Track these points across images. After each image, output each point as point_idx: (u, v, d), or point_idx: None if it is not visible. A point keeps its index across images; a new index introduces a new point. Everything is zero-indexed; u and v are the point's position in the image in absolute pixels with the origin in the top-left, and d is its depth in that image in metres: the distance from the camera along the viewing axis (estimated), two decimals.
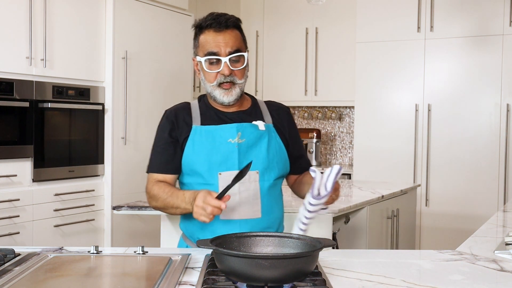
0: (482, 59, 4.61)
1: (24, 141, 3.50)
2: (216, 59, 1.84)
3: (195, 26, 1.93)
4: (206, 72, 1.86)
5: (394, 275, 1.46)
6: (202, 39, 1.88)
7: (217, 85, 1.85)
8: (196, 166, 1.85)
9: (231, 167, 1.83)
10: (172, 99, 4.58)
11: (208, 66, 1.85)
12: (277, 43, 5.75)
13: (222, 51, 1.84)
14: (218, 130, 1.87)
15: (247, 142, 1.86)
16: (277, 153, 1.91)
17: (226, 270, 1.30)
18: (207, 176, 1.84)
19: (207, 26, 1.87)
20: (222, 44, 1.84)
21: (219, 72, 1.84)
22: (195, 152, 1.86)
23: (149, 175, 1.94)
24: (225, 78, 1.84)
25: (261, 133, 1.89)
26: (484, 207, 4.56)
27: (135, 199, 4.07)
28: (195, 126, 1.89)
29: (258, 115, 1.95)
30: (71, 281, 1.38)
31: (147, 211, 2.76)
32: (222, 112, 1.92)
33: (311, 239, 1.42)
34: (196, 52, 1.91)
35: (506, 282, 1.43)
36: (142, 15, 4.26)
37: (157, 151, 1.94)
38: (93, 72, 3.94)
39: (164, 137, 1.93)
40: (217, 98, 1.87)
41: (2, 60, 3.37)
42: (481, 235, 2.06)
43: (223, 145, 1.85)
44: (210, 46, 1.85)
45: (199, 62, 1.88)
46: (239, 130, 1.86)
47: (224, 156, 1.84)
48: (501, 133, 4.55)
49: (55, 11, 3.66)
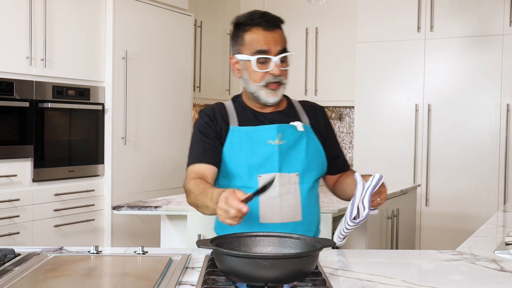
0: (482, 59, 4.61)
1: (24, 141, 3.50)
2: (265, 58, 1.79)
3: (237, 24, 1.86)
4: (252, 71, 1.80)
5: (394, 275, 1.46)
6: (249, 37, 1.81)
7: (264, 85, 1.80)
8: (235, 169, 1.81)
9: (271, 169, 1.79)
10: (172, 99, 4.58)
11: (257, 65, 1.79)
12: None
13: (272, 50, 1.79)
14: (257, 131, 1.82)
15: (287, 143, 1.82)
16: (316, 154, 1.87)
17: (226, 270, 1.30)
18: (246, 178, 1.80)
19: (256, 24, 1.81)
20: (272, 43, 1.80)
21: (268, 72, 1.79)
22: (234, 154, 1.81)
23: (188, 169, 1.85)
24: (274, 78, 1.80)
25: (300, 134, 1.85)
26: (484, 207, 4.56)
27: (135, 199, 4.08)
28: (233, 127, 1.84)
29: (295, 115, 1.91)
30: (71, 281, 1.38)
31: (147, 211, 2.76)
32: (259, 113, 1.88)
33: (311, 239, 1.42)
34: (239, 50, 1.83)
35: (506, 282, 1.43)
36: (142, 15, 4.26)
37: (196, 143, 1.85)
38: (93, 72, 3.94)
39: (203, 131, 1.85)
40: (261, 98, 1.82)
41: (2, 60, 3.37)
42: (481, 235, 2.06)
43: (263, 146, 1.80)
44: (260, 44, 1.79)
45: (243, 61, 1.82)
46: (280, 131, 1.82)
47: (264, 158, 1.80)
48: (501, 133, 4.55)
49: (55, 11, 3.66)
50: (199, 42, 5.24)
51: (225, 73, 5.74)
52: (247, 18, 1.84)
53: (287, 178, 1.78)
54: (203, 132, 1.84)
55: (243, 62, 1.82)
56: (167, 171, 4.54)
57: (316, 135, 1.90)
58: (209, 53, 5.44)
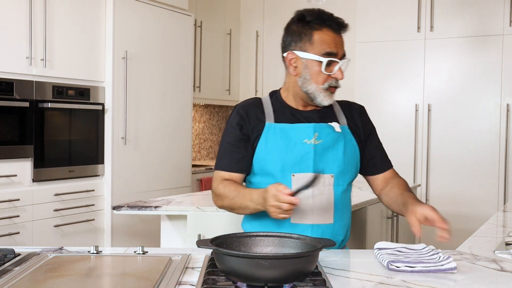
0: (482, 59, 4.61)
1: (24, 141, 3.50)
2: (333, 62, 1.76)
3: (302, 19, 1.80)
4: (317, 72, 1.77)
5: (394, 275, 1.46)
6: (319, 37, 1.76)
7: (326, 88, 1.78)
8: (268, 166, 1.78)
9: (305, 169, 1.76)
10: (172, 99, 4.58)
11: (325, 67, 1.75)
12: (277, 43, 5.71)
13: (339, 54, 1.77)
14: (293, 129, 1.79)
15: (323, 143, 1.78)
16: (353, 157, 1.84)
17: (226, 270, 1.30)
18: (279, 176, 1.77)
19: (327, 25, 1.78)
20: (340, 46, 1.78)
21: (332, 75, 1.77)
22: (268, 151, 1.78)
23: (216, 173, 1.84)
24: (335, 82, 1.78)
25: (337, 135, 1.81)
26: (484, 207, 4.56)
27: (135, 199, 4.08)
28: (269, 123, 1.81)
29: (332, 115, 1.87)
30: (71, 281, 1.38)
31: (147, 211, 2.76)
32: (297, 111, 1.85)
33: (311, 239, 1.42)
34: (304, 48, 1.78)
35: (506, 282, 1.43)
36: (142, 15, 4.26)
37: (226, 148, 1.83)
38: (93, 72, 3.94)
39: (234, 133, 1.82)
40: (317, 99, 1.78)
41: (2, 60, 3.37)
42: (481, 235, 2.06)
43: (298, 145, 1.77)
44: (330, 46, 1.76)
45: (305, 60, 1.78)
46: (316, 131, 1.79)
47: (298, 157, 1.77)
48: (501, 133, 4.55)
49: (55, 11, 3.66)
50: (199, 42, 5.24)
51: (225, 73, 5.74)
52: (317, 16, 1.79)
53: (322, 179, 1.76)
54: (233, 134, 1.82)
55: (305, 61, 1.78)
56: (167, 171, 4.54)
57: (353, 136, 1.86)
58: (209, 53, 5.44)
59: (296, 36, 1.80)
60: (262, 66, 5.81)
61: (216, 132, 6.16)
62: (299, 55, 1.79)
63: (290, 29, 1.83)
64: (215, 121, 6.14)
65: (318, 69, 1.76)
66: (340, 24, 1.80)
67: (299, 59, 1.80)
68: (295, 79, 1.82)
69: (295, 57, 1.81)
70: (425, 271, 1.47)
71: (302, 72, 1.79)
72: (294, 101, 1.85)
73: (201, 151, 5.94)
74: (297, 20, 1.81)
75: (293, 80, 1.84)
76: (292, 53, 1.82)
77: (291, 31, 1.83)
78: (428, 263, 1.49)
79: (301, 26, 1.80)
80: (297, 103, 1.85)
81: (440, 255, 1.54)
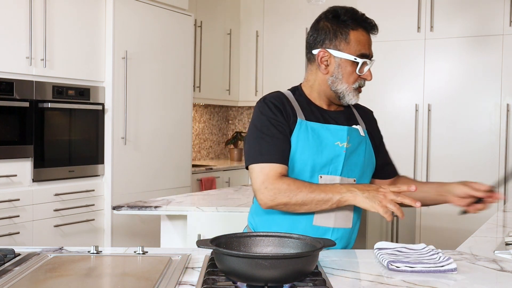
0: (482, 59, 4.61)
1: (24, 141, 3.50)
2: (364, 62, 1.75)
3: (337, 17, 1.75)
4: (350, 72, 1.74)
5: (394, 275, 1.46)
6: (356, 37, 1.74)
7: (356, 87, 1.77)
8: (297, 164, 1.72)
9: (334, 172, 1.74)
10: (172, 99, 4.58)
11: (359, 67, 1.73)
12: (277, 43, 5.75)
13: (370, 55, 1.77)
14: (326, 130, 1.75)
15: (352, 147, 1.76)
16: (370, 162, 1.84)
17: (226, 270, 1.30)
18: (306, 176, 1.72)
19: (363, 26, 1.76)
20: (370, 48, 1.78)
21: (362, 75, 1.76)
22: (299, 149, 1.72)
23: (265, 166, 1.68)
24: (364, 83, 1.78)
25: (361, 139, 1.81)
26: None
27: (135, 199, 4.08)
28: (301, 120, 1.75)
29: (352, 118, 1.86)
30: (71, 281, 1.38)
31: (147, 211, 2.76)
32: (323, 110, 1.81)
33: (311, 239, 1.42)
34: (338, 47, 1.74)
35: (506, 282, 1.43)
36: (142, 15, 4.26)
37: (273, 136, 1.71)
38: (93, 72, 3.94)
39: (279, 121, 1.72)
40: (345, 98, 1.77)
41: (2, 60, 3.37)
42: (481, 235, 2.06)
43: (330, 147, 1.73)
44: (364, 47, 1.75)
45: (339, 59, 1.74)
46: (349, 134, 1.75)
47: (329, 159, 1.73)
48: (501, 133, 4.55)
49: (55, 11, 3.66)
50: (199, 42, 5.24)
51: (225, 73, 5.74)
52: (352, 16, 1.75)
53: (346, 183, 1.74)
54: (276, 125, 1.72)
55: (338, 60, 1.74)
56: (167, 171, 4.54)
57: (370, 140, 1.86)
58: (209, 53, 5.44)
59: (331, 34, 1.74)
60: (262, 66, 5.81)
61: (216, 132, 6.16)
62: (332, 54, 1.74)
63: (322, 26, 1.77)
64: (215, 121, 6.14)
65: (352, 69, 1.74)
66: (372, 26, 1.79)
67: (332, 57, 1.75)
68: (324, 77, 1.77)
69: (327, 55, 1.75)
70: (425, 271, 1.47)
71: (334, 71, 1.75)
72: (318, 99, 1.82)
73: (201, 151, 5.94)
74: (331, 18, 1.76)
75: (321, 78, 1.79)
76: (324, 51, 1.75)
77: (324, 28, 1.76)
78: (428, 264, 1.49)
79: (336, 24, 1.74)
80: (321, 101, 1.82)
81: (440, 255, 1.54)
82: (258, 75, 5.83)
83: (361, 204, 1.61)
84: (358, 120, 1.87)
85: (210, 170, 5.11)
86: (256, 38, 5.81)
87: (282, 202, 1.66)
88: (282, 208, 1.69)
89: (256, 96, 5.86)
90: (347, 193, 1.62)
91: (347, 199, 1.62)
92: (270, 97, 1.79)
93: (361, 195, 1.60)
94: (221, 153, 6.26)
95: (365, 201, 1.59)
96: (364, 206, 1.60)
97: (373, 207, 1.58)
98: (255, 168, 1.70)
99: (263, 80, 5.81)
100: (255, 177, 1.70)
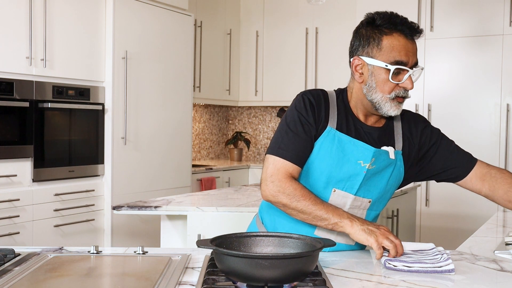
0: (482, 59, 4.61)
1: (24, 141, 3.50)
2: (402, 70, 1.63)
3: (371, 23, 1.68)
4: (384, 81, 1.64)
5: (394, 275, 1.46)
6: (389, 43, 1.63)
7: (393, 97, 1.65)
8: (314, 170, 1.68)
9: (349, 189, 1.68)
10: (172, 99, 4.58)
11: (392, 75, 1.62)
12: (277, 43, 5.75)
13: (410, 62, 1.63)
14: (352, 144, 1.67)
15: (375, 169, 1.69)
16: (394, 184, 1.75)
17: (226, 270, 1.30)
18: (320, 186, 1.68)
19: (399, 30, 1.65)
20: (411, 54, 1.64)
21: (400, 84, 1.64)
22: (319, 157, 1.67)
23: (278, 160, 1.66)
24: (404, 92, 1.65)
25: (389, 162, 1.71)
26: (484, 207, 4.55)
27: (135, 199, 4.08)
28: (330, 128, 1.68)
29: (391, 136, 1.74)
30: (71, 281, 1.38)
31: (147, 211, 2.76)
32: (360, 122, 1.72)
33: (311, 239, 1.42)
34: (371, 54, 1.65)
35: (506, 282, 1.43)
36: (142, 15, 4.26)
37: (297, 135, 1.67)
38: (93, 72, 3.94)
39: (308, 121, 1.67)
40: (382, 109, 1.66)
41: (2, 60, 3.37)
42: (481, 235, 2.06)
43: (352, 163, 1.66)
44: (400, 54, 1.62)
45: (372, 66, 1.65)
46: (375, 156, 1.67)
47: (347, 175, 1.67)
48: (501, 133, 4.55)
49: (55, 11, 3.66)
50: (199, 42, 5.24)
51: (225, 73, 5.74)
52: (387, 20, 1.66)
53: (359, 203, 1.70)
54: (303, 124, 1.67)
55: (371, 67, 1.65)
56: (167, 171, 4.54)
57: (403, 162, 1.75)
58: (209, 53, 5.44)
59: (364, 41, 1.67)
60: (262, 66, 5.81)
61: (216, 132, 6.16)
62: (365, 61, 1.66)
63: (359, 33, 1.70)
64: (215, 121, 6.14)
65: (385, 77, 1.63)
66: (413, 29, 1.67)
67: (366, 65, 1.66)
68: (360, 86, 1.69)
69: (361, 63, 1.67)
70: (422, 271, 1.47)
71: (368, 79, 1.66)
72: (355, 108, 1.73)
73: (201, 151, 5.94)
74: (366, 24, 1.69)
75: (357, 87, 1.71)
76: (358, 59, 1.68)
77: (360, 35, 1.69)
78: (426, 264, 1.49)
79: (370, 30, 1.67)
80: (358, 110, 1.73)
81: (445, 256, 1.54)
82: (258, 75, 5.83)
83: (356, 236, 1.56)
84: (396, 138, 1.75)
85: (210, 170, 5.11)
86: (256, 38, 5.81)
87: (282, 202, 1.65)
88: (280, 207, 1.68)
89: (256, 96, 5.86)
90: (346, 220, 1.58)
91: (344, 226, 1.59)
92: (309, 92, 1.73)
93: (359, 227, 1.56)
94: (221, 153, 6.26)
95: (361, 233, 1.56)
96: (358, 238, 1.56)
97: (367, 240, 1.54)
98: (269, 159, 1.68)
99: (263, 80, 5.81)
100: (266, 167, 1.68)
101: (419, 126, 1.80)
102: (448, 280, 1.43)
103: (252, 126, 6.30)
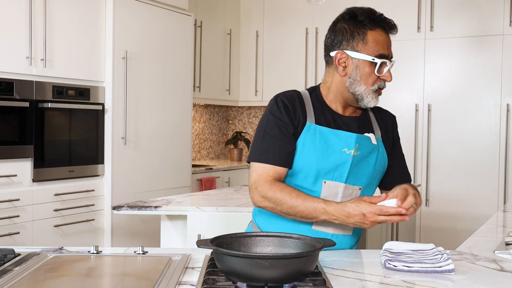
0: (482, 59, 4.61)
1: (24, 141, 3.50)
2: (385, 63, 1.71)
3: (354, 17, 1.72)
4: (368, 73, 1.70)
5: (394, 275, 1.46)
6: (374, 37, 1.70)
7: (375, 89, 1.72)
8: (302, 167, 1.71)
9: (338, 178, 1.71)
10: (172, 99, 4.58)
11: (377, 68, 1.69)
12: (277, 43, 5.75)
13: (389, 56, 1.73)
14: (334, 135, 1.71)
15: (360, 155, 1.72)
16: (380, 170, 1.80)
17: (226, 270, 1.30)
18: (311, 182, 1.71)
19: (381, 26, 1.71)
20: (390, 48, 1.73)
21: (381, 77, 1.71)
22: (304, 153, 1.70)
23: (257, 166, 1.71)
24: (384, 84, 1.73)
25: (372, 148, 1.76)
26: (484, 207, 4.56)
27: (135, 199, 4.08)
28: (310, 123, 1.72)
29: (369, 124, 1.81)
30: (71, 281, 1.38)
31: (147, 211, 2.76)
32: (337, 115, 1.77)
33: (311, 239, 1.42)
34: (356, 47, 1.70)
35: (506, 282, 1.43)
36: (142, 15, 4.26)
37: (273, 139, 1.70)
38: (93, 72, 3.94)
39: (282, 124, 1.71)
40: (364, 100, 1.72)
41: (2, 60, 3.37)
42: (481, 235, 2.06)
43: (337, 153, 1.70)
44: (383, 48, 1.70)
45: (357, 60, 1.70)
46: (358, 142, 1.72)
47: (334, 165, 1.70)
48: (501, 133, 4.55)
49: (55, 11, 3.66)
50: (199, 42, 5.24)
51: (225, 73, 5.74)
52: (369, 15, 1.71)
53: (350, 191, 1.73)
54: (280, 126, 1.71)
55: (356, 61, 1.70)
56: (167, 171, 4.54)
57: (385, 148, 1.82)
58: (209, 53, 5.44)
59: (348, 35, 1.71)
60: (262, 66, 5.81)
61: (216, 132, 6.16)
62: (350, 55, 1.70)
63: (339, 27, 1.73)
64: (215, 121, 6.14)
65: (370, 71, 1.70)
66: (391, 25, 1.74)
67: (350, 59, 1.71)
68: (342, 79, 1.73)
69: (345, 57, 1.71)
70: (422, 271, 1.47)
71: (352, 72, 1.71)
72: (334, 102, 1.78)
73: (201, 151, 5.94)
74: (348, 18, 1.73)
75: (338, 80, 1.74)
76: (342, 52, 1.71)
77: (341, 29, 1.73)
78: (426, 264, 1.49)
79: (353, 25, 1.71)
80: (337, 104, 1.78)
81: (445, 256, 1.54)
82: (258, 75, 5.83)
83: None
84: (374, 126, 1.82)
85: (210, 170, 5.11)
86: (256, 38, 5.81)
87: (268, 208, 1.71)
88: (269, 211, 1.73)
89: (256, 96, 5.86)
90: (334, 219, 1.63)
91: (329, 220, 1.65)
92: (282, 95, 1.76)
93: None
94: (221, 153, 6.26)
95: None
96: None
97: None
98: (252, 166, 1.73)
99: (263, 80, 5.81)
100: (250, 174, 1.74)
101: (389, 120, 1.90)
102: (448, 280, 1.43)
103: (252, 126, 6.30)
